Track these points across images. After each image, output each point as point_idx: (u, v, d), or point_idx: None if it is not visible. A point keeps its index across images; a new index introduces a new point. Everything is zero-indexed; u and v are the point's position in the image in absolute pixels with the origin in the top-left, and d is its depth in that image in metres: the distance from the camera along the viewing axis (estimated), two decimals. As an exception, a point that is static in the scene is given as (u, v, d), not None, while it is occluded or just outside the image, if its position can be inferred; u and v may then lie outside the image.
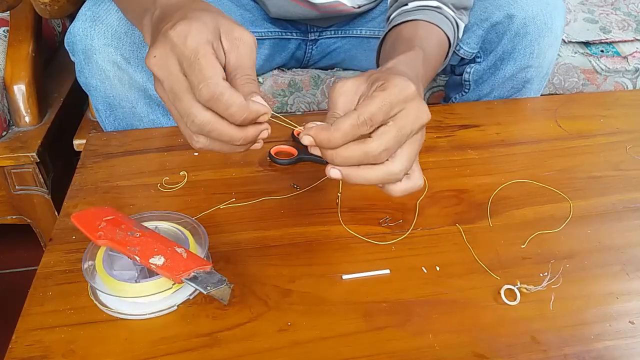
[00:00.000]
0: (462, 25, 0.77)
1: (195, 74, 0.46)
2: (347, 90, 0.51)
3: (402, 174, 0.50)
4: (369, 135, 0.48)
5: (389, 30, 0.73)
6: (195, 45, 0.46)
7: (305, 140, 0.48)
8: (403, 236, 0.62)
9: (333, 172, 0.49)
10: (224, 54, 0.49)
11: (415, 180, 0.53)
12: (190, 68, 0.46)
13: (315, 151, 0.50)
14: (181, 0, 0.53)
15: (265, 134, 0.49)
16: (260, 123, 0.49)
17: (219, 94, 0.45)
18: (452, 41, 0.74)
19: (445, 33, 0.72)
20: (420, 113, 0.50)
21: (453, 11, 0.74)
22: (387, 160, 0.49)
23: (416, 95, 0.50)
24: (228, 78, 0.48)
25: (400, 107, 0.49)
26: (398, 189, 0.52)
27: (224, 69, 0.48)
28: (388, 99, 0.48)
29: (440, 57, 0.72)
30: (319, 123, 0.49)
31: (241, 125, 0.47)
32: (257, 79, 1.04)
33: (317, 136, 0.48)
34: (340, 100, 0.51)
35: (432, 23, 0.71)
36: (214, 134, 0.47)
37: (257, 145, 0.51)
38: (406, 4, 0.74)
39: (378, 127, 0.48)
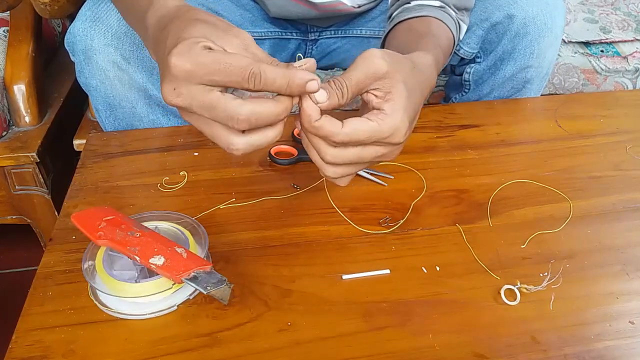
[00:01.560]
0: (464, 27, 0.77)
1: (232, 72, 0.45)
2: (374, 70, 0.50)
3: (331, 177, 0.52)
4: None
5: (396, 24, 0.73)
6: (207, 55, 0.45)
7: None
8: (396, 226, 0.62)
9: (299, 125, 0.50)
10: None
11: (342, 181, 0.54)
12: (223, 72, 0.45)
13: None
14: (165, 18, 0.52)
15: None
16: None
17: (262, 72, 0.45)
18: (455, 41, 0.74)
19: (451, 32, 0.72)
20: (387, 156, 0.52)
21: (455, 12, 0.74)
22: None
23: (400, 143, 0.51)
24: None
25: (379, 142, 0.50)
26: (323, 174, 0.54)
27: None
28: (375, 135, 0.49)
29: (447, 56, 0.72)
30: (322, 94, 0.48)
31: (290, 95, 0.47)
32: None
33: (304, 109, 0.48)
34: (364, 74, 0.50)
35: (441, 20, 0.71)
36: (261, 120, 0.46)
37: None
38: (408, 2, 0.74)
39: None
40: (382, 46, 0.75)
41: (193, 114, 0.48)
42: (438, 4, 0.72)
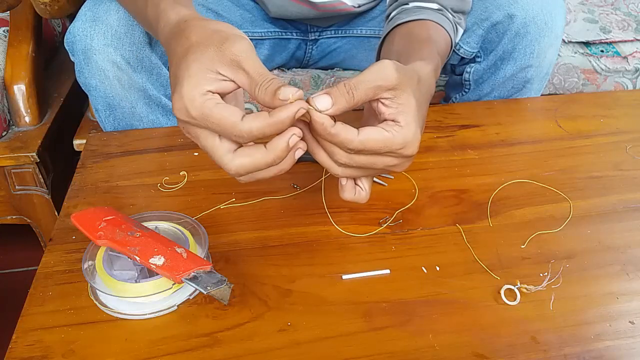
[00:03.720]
0: (460, 31, 0.77)
1: (219, 131, 0.47)
2: (384, 79, 0.50)
3: (340, 176, 0.53)
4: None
5: (395, 27, 0.73)
6: (198, 109, 0.47)
7: (316, 103, 0.48)
8: (388, 222, 0.62)
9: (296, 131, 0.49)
10: (232, 80, 0.48)
11: (363, 195, 0.55)
12: (212, 129, 0.48)
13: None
14: (169, 35, 0.53)
15: (294, 140, 0.48)
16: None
17: (247, 132, 0.46)
18: (453, 44, 0.74)
19: (449, 35, 0.72)
20: (398, 168, 0.53)
21: (452, 15, 0.74)
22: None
23: (412, 156, 0.52)
24: (252, 97, 0.48)
25: (390, 153, 0.51)
26: (346, 196, 0.55)
27: (241, 88, 0.49)
28: (388, 145, 0.50)
29: (445, 60, 0.73)
30: (326, 101, 0.48)
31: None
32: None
33: (316, 119, 0.48)
34: (371, 78, 0.50)
35: (439, 24, 0.71)
36: (251, 170, 0.49)
37: (299, 152, 0.50)
38: (406, 4, 0.74)
39: None
40: (380, 47, 0.75)
41: None
42: (436, 6, 0.72)
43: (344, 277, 0.57)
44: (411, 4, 0.73)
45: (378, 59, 0.76)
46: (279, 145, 0.48)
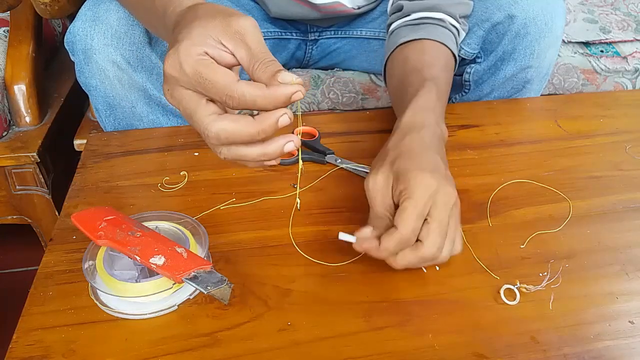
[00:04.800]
0: (462, 34, 0.77)
1: (210, 89, 0.46)
2: (380, 186, 0.56)
3: (447, 255, 0.54)
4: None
5: (395, 49, 0.74)
6: (192, 66, 0.46)
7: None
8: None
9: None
10: (232, 54, 0.48)
11: (457, 246, 0.56)
12: (203, 87, 0.46)
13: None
14: (180, 16, 0.52)
15: (284, 119, 0.46)
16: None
17: (240, 94, 0.45)
18: (456, 56, 0.74)
19: (451, 50, 0.72)
20: (447, 198, 0.53)
21: (458, 22, 0.74)
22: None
23: (437, 186, 0.53)
24: (249, 73, 0.48)
25: (429, 203, 0.52)
26: (440, 259, 0.55)
27: (241, 66, 0.48)
28: (418, 206, 0.52)
29: (450, 78, 0.73)
30: (365, 231, 0.54)
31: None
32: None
33: (369, 252, 0.54)
34: (378, 197, 0.56)
35: (438, 42, 0.70)
36: (232, 138, 0.47)
37: (290, 146, 0.48)
38: (408, 14, 0.74)
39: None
40: (385, 65, 0.77)
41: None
42: (439, 16, 0.72)
43: (340, 236, 0.56)
44: (413, 15, 0.73)
45: (384, 74, 0.79)
46: (268, 119, 0.46)
